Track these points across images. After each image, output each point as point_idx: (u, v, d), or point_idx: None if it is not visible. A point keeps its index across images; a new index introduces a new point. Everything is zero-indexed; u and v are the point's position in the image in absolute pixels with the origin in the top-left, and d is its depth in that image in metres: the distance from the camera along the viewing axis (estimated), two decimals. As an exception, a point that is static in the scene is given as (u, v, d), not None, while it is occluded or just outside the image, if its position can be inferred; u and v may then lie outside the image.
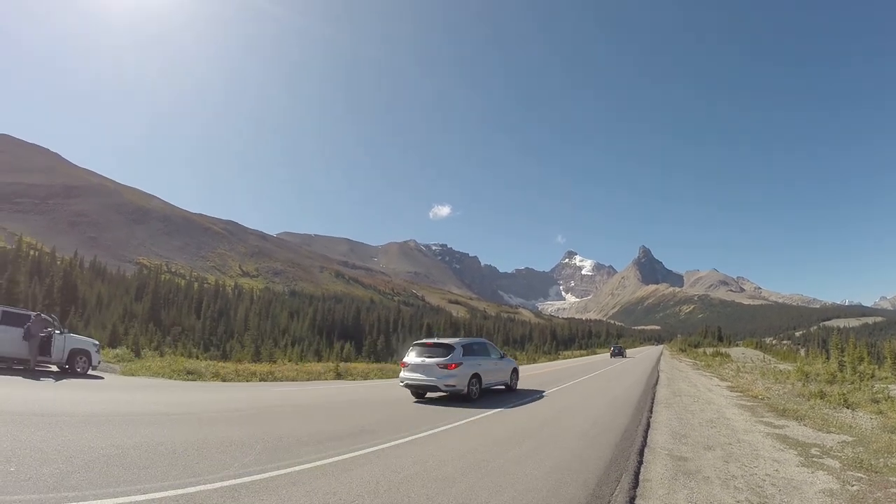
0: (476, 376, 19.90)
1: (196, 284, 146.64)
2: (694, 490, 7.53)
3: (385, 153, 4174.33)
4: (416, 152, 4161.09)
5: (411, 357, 20.23)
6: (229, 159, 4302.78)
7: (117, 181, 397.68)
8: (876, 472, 8.74)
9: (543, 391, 23.04)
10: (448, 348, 19.95)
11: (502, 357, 23.88)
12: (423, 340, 21.57)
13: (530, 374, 35.26)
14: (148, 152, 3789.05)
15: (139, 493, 5.90)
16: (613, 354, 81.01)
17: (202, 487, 6.30)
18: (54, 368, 22.46)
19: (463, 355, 19.87)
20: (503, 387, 23.12)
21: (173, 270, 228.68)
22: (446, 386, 19.04)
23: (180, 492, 6.06)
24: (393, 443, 10.07)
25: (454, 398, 19.19)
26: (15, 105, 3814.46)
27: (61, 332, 22.59)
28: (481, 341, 23.01)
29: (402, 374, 20.01)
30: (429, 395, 20.17)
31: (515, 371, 24.49)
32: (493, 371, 22.00)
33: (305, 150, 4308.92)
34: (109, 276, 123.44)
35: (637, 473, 8.53)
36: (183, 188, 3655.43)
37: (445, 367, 19.08)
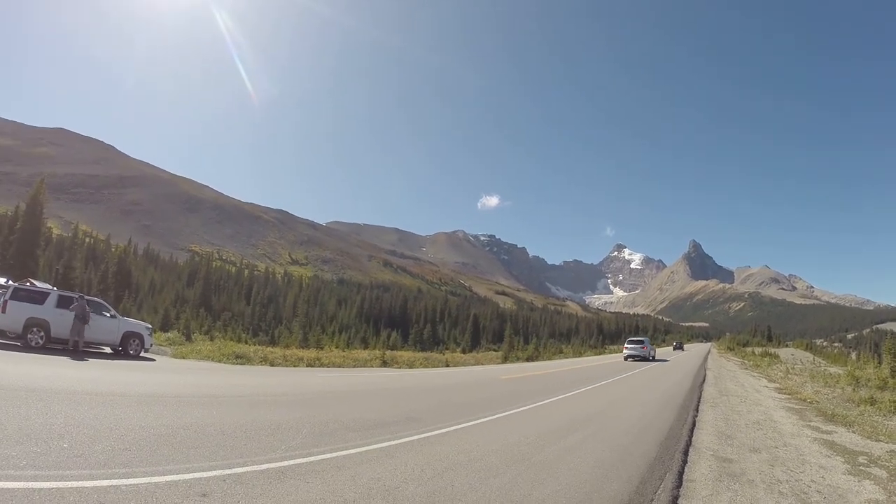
0: (649, 351, 51.68)
1: (246, 272, 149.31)
2: (738, 493, 7.39)
3: (435, 145, 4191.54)
4: (466, 143, 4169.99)
5: (627, 344, 52.88)
6: (281, 150, 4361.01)
7: (171, 172, 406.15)
8: (924, 485, 8.47)
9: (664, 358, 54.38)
10: (642, 341, 53.12)
11: (651, 344, 57.66)
12: (632, 338, 61.76)
13: (579, 367, 35.25)
14: (202, 145, 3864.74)
15: (188, 471, 6.01)
16: (675, 348, 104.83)
17: (249, 468, 6.40)
18: (108, 350, 23.07)
19: (646, 342, 52.85)
20: (650, 357, 51.92)
21: (224, 258, 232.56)
22: (642, 356, 49.67)
23: (228, 472, 6.17)
24: (438, 431, 10.12)
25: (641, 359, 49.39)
26: (72, 100, 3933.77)
27: (113, 316, 23.23)
28: (647, 338, 61.42)
29: (624, 351, 51.99)
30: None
31: (654, 349, 59.21)
32: (651, 350, 54.05)
33: (356, 141, 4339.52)
34: (162, 263, 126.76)
35: (681, 473, 8.43)
36: (235, 178, 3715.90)
37: (642, 347, 50.75)
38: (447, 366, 37.29)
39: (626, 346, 53.70)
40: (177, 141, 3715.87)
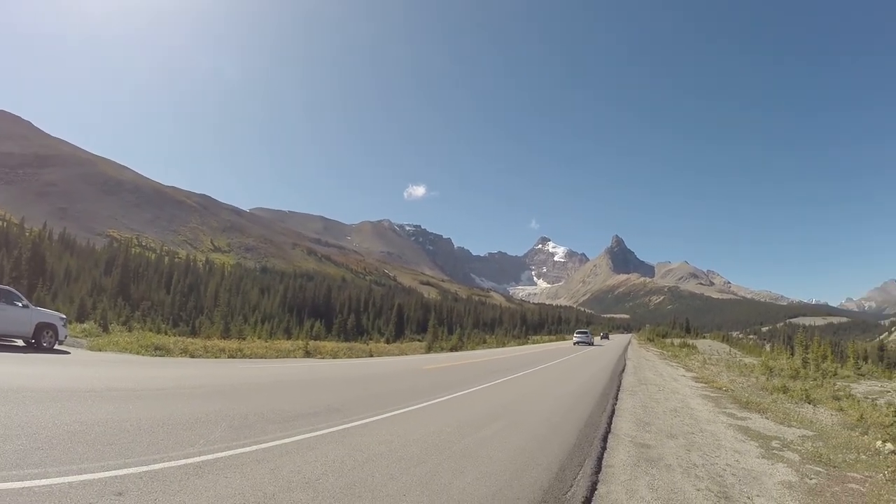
0: (591, 339, 77.84)
1: (166, 259, 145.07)
2: (655, 477, 7.70)
3: (364, 132, 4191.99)
4: (395, 131, 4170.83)
5: (576, 334, 78.57)
6: (204, 132, 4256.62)
7: (90, 151, 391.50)
8: (834, 467, 9.03)
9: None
10: (587, 332, 79.75)
11: (591, 334, 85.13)
12: (580, 329, 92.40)
13: (503, 357, 35.61)
14: (123, 123, 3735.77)
15: (102, 469, 5.80)
16: (602, 337, 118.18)
17: (166, 464, 6.23)
18: (20, 343, 22.14)
19: (589, 333, 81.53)
20: (591, 343, 74.75)
21: (144, 244, 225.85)
22: (587, 342, 72.33)
23: (144, 469, 5.99)
24: (360, 422, 10.04)
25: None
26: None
27: (25, 306, 22.28)
28: (589, 330, 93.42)
29: (574, 338, 76.04)
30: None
31: (593, 337, 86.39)
32: (591, 338, 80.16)
33: (282, 125, 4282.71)
34: (79, 249, 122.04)
35: (600, 459, 8.70)
36: (156, 160, 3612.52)
37: (587, 336, 76.27)
38: (371, 356, 37.10)
39: (575, 334, 78.76)
40: (98, 116, 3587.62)
